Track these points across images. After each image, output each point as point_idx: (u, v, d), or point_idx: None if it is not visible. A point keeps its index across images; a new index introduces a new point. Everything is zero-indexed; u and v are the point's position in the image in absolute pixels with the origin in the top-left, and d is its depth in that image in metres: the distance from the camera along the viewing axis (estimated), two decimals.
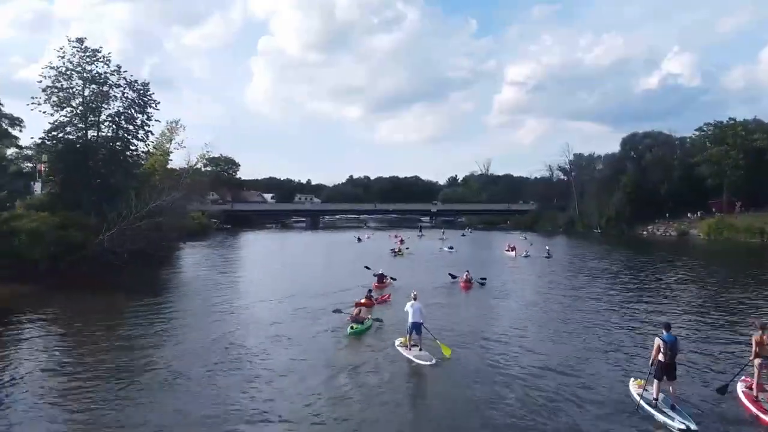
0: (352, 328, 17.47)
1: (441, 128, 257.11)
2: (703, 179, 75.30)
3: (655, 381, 10.97)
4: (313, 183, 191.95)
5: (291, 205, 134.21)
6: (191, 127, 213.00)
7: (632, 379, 12.17)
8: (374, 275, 28.34)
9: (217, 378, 12.95)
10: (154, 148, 47.47)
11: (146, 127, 42.90)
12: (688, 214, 75.27)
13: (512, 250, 46.36)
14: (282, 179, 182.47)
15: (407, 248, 49.49)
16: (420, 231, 79.75)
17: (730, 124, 75.86)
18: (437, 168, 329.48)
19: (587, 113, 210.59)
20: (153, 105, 43.17)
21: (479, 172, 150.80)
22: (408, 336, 15.33)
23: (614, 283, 30.02)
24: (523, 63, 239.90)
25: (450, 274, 29.22)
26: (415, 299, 15.73)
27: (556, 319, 19.93)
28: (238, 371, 13.51)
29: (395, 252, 46.49)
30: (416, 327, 15.16)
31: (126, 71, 41.11)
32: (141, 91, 42.41)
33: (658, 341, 10.95)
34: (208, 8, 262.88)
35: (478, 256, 45.90)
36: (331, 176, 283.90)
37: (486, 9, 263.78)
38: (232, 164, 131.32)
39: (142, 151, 43.79)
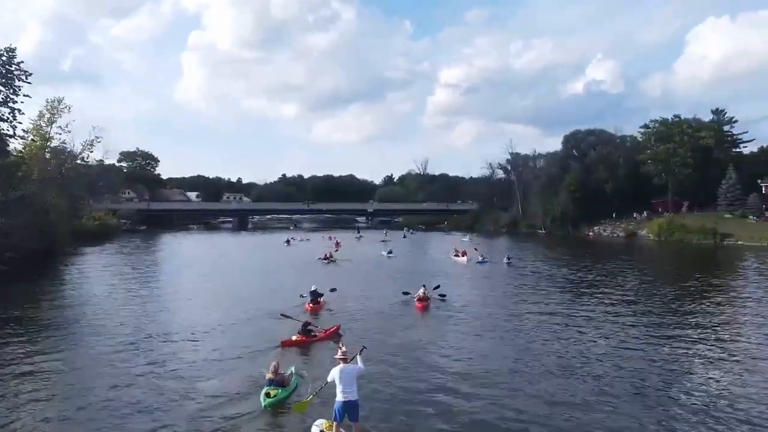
0: (267, 395, 10.86)
1: (378, 128, 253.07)
2: (649, 178, 72.82)
3: None
4: (245, 181, 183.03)
5: (217, 205, 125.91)
6: (119, 123, 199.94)
7: None
8: (309, 292, 21.15)
9: None
10: (24, 131, 37.99)
11: (12, 104, 34.30)
12: (635, 214, 72.59)
13: (462, 255, 40.45)
14: (211, 177, 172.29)
15: (336, 251, 43.49)
16: (358, 232, 73.81)
17: (675, 122, 73.68)
18: (373, 168, 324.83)
19: (520, 116, 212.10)
20: (22, 77, 34.58)
21: (416, 171, 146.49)
22: (335, 423, 8.93)
23: (602, 299, 24.07)
24: (457, 65, 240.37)
25: (403, 292, 22.83)
26: (344, 360, 9.27)
27: (559, 366, 13.72)
28: None
29: (327, 259, 39.15)
30: (350, 408, 8.82)
31: None
32: (4, 60, 33.73)
33: None
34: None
35: (424, 264, 39.70)
36: (266, 175, 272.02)
37: (422, 11, 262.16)
38: (150, 159, 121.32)
39: (7, 134, 34.87)
